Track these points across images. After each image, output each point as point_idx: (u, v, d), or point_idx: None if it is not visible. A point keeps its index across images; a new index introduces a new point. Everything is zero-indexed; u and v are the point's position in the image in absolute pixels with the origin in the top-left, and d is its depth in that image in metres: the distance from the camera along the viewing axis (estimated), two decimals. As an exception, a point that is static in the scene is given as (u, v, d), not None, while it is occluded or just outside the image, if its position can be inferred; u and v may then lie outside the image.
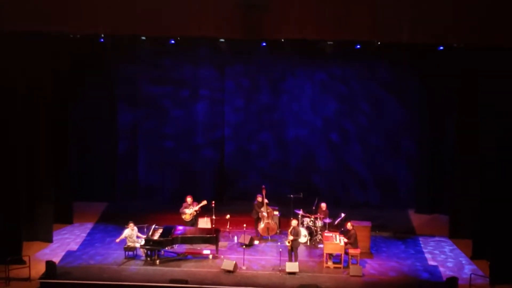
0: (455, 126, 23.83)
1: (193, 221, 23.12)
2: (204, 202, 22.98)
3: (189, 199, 23.11)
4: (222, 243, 22.52)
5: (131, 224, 21.70)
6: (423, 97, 25.92)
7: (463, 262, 21.96)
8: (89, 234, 23.82)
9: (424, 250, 22.92)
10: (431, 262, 21.88)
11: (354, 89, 26.65)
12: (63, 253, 22.00)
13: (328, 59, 25.43)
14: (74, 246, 22.68)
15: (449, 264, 21.78)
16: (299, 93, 26.89)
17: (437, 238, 23.98)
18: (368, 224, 22.52)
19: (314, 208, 23.44)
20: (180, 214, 23.07)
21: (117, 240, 21.66)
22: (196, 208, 23.01)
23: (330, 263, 21.24)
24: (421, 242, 23.64)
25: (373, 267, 21.33)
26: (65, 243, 22.98)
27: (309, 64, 26.39)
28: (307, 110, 26.94)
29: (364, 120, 26.81)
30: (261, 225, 23.26)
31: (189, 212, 22.95)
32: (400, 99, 26.51)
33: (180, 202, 23.65)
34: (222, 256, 21.69)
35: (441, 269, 21.33)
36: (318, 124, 26.98)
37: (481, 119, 22.03)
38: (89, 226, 24.65)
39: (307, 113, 26.96)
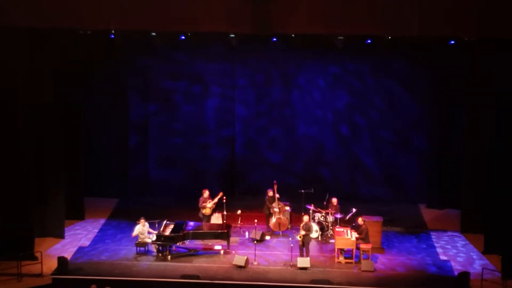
0: (467, 121, 23.71)
1: (210, 215, 23.19)
2: (221, 194, 23.05)
3: (206, 193, 23.16)
4: (233, 239, 22.52)
5: (142, 220, 21.71)
6: (435, 92, 25.81)
7: (474, 257, 21.89)
8: (100, 230, 23.88)
9: (436, 245, 22.86)
10: (442, 257, 21.81)
11: (366, 83, 26.64)
12: (75, 249, 22.06)
13: (339, 54, 25.35)
14: (86, 242, 22.73)
15: (460, 259, 21.71)
16: (310, 88, 26.89)
17: (450, 233, 23.90)
18: (379, 219, 22.46)
19: (325, 203, 23.42)
20: (199, 208, 23.08)
21: (133, 235, 21.67)
22: (215, 200, 23.06)
23: (341, 258, 21.20)
24: (433, 237, 23.58)
25: (383, 262, 21.28)
26: (77, 239, 23.03)
27: (320, 58, 26.38)
28: (318, 104, 26.90)
29: (375, 114, 26.77)
30: (273, 220, 23.27)
31: (209, 205, 23.01)
32: (411, 94, 26.45)
33: (191, 197, 23.81)
34: (233, 252, 21.70)
35: (451, 264, 21.26)
36: (329, 119, 26.97)
37: (492, 113, 21.94)
38: (100, 222, 24.70)
39: (318, 108, 26.94)
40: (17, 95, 21.33)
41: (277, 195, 23.22)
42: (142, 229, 21.61)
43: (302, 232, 21.08)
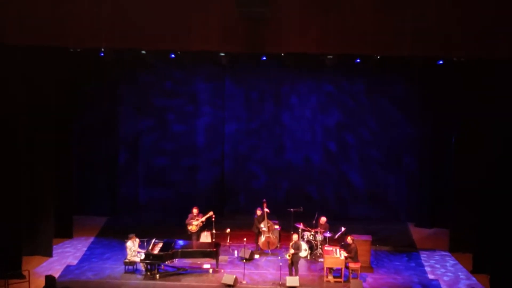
0: (456, 141, 23.81)
1: (198, 233, 23.17)
2: (210, 213, 23.06)
3: (195, 210, 23.21)
4: (222, 257, 22.47)
5: (133, 237, 21.66)
6: (425, 111, 25.91)
7: (461, 276, 21.89)
8: (89, 249, 23.75)
9: (425, 264, 22.84)
10: (430, 277, 21.82)
11: (357, 103, 26.62)
12: (62, 268, 21.94)
13: (330, 73, 25.57)
14: (74, 261, 22.61)
15: (446, 278, 21.71)
16: (302, 107, 26.88)
17: (441, 253, 23.86)
18: (368, 238, 22.48)
19: (314, 222, 23.43)
20: (186, 225, 23.15)
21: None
22: (203, 219, 23.07)
23: (330, 277, 21.19)
24: (422, 256, 23.56)
25: (371, 281, 21.25)
26: (65, 257, 22.90)
27: (311, 77, 26.43)
28: (308, 123, 26.91)
29: (366, 133, 26.78)
30: (262, 239, 23.25)
31: (196, 223, 23.00)
32: (402, 113, 26.52)
33: (180, 216, 23.75)
34: (222, 270, 21.64)
35: (439, 283, 21.27)
36: (319, 138, 26.96)
37: (482, 133, 22.07)
38: (89, 240, 24.57)
39: (308, 127, 26.94)
40: (9, 112, 21.25)
41: (267, 210, 23.20)
42: (132, 247, 21.54)
43: (291, 251, 21.06)
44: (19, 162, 21.52)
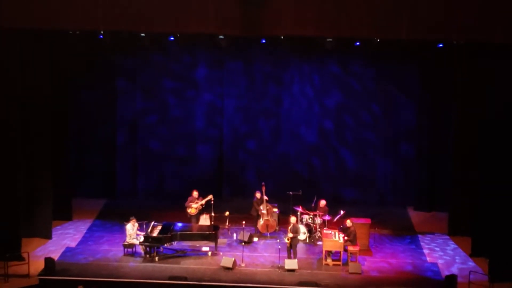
0: (455, 123, 23.77)
1: (198, 215, 23.23)
2: (210, 197, 23.09)
3: (195, 193, 23.23)
4: (221, 240, 22.52)
5: (133, 220, 21.69)
6: (424, 93, 25.81)
7: (457, 260, 21.94)
8: (88, 231, 23.81)
9: (425, 248, 22.88)
10: (428, 260, 21.87)
11: (360, 87, 26.43)
12: (62, 250, 22.01)
13: (328, 56, 25.46)
14: (73, 243, 22.67)
15: (441, 261, 21.78)
16: (301, 90, 26.71)
17: (443, 237, 23.88)
18: (367, 221, 22.52)
19: (313, 205, 23.44)
20: (185, 207, 23.18)
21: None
22: (203, 202, 23.12)
23: (329, 260, 21.24)
24: (425, 239, 23.61)
25: (370, 264, 21.31)
26: (65, 239, 22.97)
27: (311, 60, 26.28)
28: (308, 108, 26.80)
29: (366, 117, 26.62)
30: (260, 222, 23.28)
31: (195, 206, 23.03)
32: (400, 95, 26.40)
33: (179, 199, 23.77)
34: (221, 253, 21.71)
35: (438, 266, 21.33)
36: (318, 122, 26.83)
37: (481, 116, 22.01)
38: (88, 222, 24.61)
39: (308, 111, 26.83)
40: (5, 95, 21.22)
41: (265, 197, 23.24)
42: (132, 229, 21.58)
43: (290, 235, 21.08)
44: (16, 144, 21.51)
